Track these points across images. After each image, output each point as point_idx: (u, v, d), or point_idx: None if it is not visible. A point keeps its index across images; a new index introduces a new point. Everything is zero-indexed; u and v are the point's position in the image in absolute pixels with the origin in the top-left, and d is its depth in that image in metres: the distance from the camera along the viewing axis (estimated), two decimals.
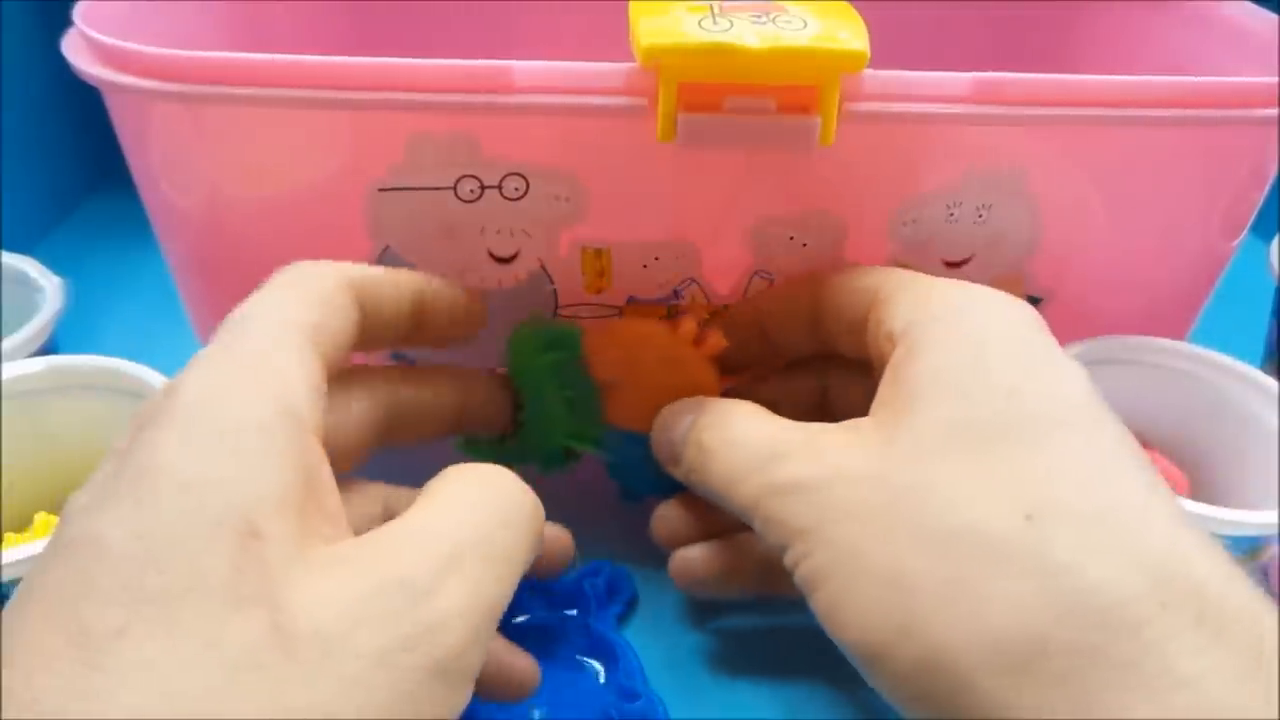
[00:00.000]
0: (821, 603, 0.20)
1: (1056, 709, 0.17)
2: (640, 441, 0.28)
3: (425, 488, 0.20)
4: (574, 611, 0.28)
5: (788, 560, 0.21)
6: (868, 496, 0.20)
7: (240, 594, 0.15)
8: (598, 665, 0.27)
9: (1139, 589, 0.17)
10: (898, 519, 0.19)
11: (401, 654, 0.16)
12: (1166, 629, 0.17)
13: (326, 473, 0.19)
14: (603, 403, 0.29)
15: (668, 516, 0.28)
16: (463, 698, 0.17)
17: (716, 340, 0.28)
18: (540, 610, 0.28)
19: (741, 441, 0.24)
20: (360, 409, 0.23)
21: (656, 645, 0.28)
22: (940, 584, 0.18)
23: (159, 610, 0.15)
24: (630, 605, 0.29)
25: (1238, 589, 0.18)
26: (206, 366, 0.19)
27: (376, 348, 0.24)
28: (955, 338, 0.22)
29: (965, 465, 0.20)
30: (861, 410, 0.23)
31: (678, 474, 0.26)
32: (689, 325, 0.28)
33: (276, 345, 0.20)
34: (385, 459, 0.25)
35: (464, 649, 0.17)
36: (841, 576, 0.20)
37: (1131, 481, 0.19)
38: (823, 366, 0.29)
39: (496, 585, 0.18)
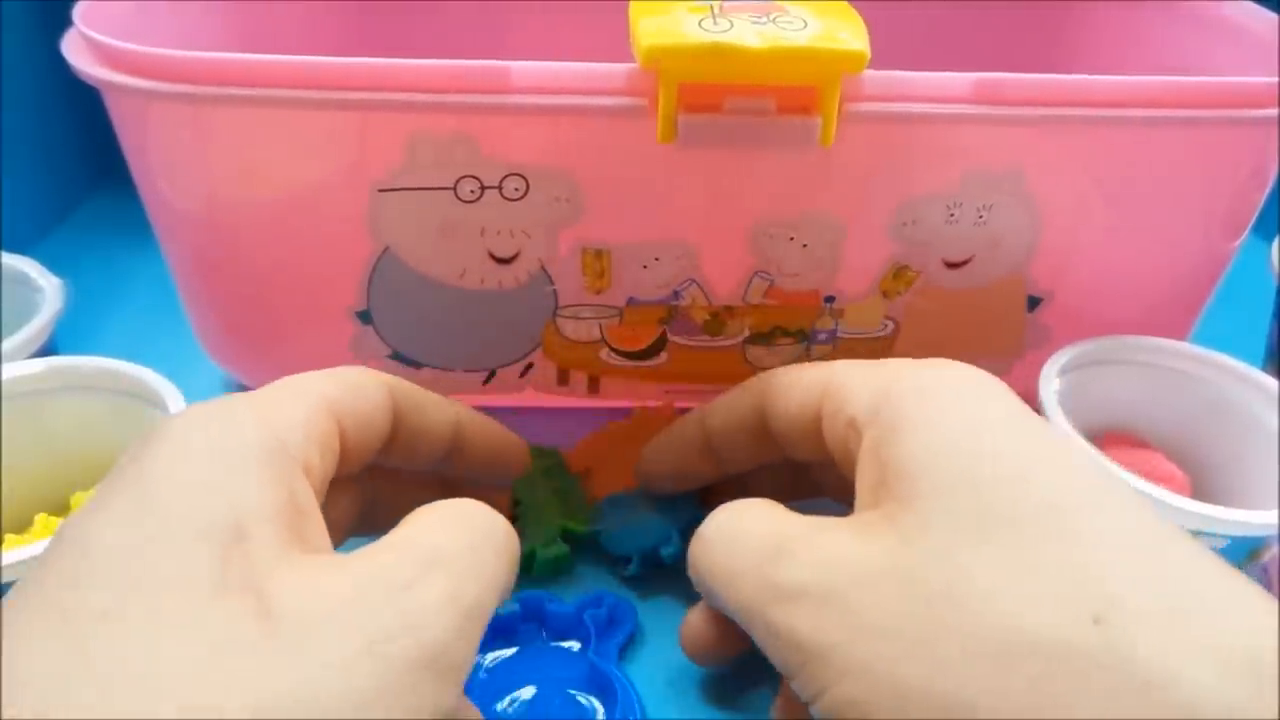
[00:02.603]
0: None
1: None
2: (624, 501, 0.30)
3: (402, 521, 0.20)
4: (574, 643, 0.28)
5: (803, 688, 0.19)
6: (894, 605, 0.18)
7: (226, 582, 0.16)
8: (595, 703, 0.26)
9: (1246, 693, 0.15)
10: (939, 631, 0.17)
11: (385, 643, 0.16)
12: None
13: (312, 505, 0.19)
14: (586, 488, 0.32)
15: (691, 623, 0.25)
16: (449, 696, 0.17)
17: (667, 409, 0.32)
18: (539, 641, 0.28)
19: (740, 534, 0.21)
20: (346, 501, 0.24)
21: (659, 679, 0.27)
22: (1019, 708, 0.16)
23: (144, 595, 0.15)
24: (632, 637, 0.29)
25: None
26: (215, 401, 0.20)
27: (419, 461, 0.24)
28: (937, 416, 0.20)
29: (999, 561, 0.17)
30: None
31: (696, 572, 0.23)
32: (642, 409, 0.34)
33: (289, 397, 0.20)
34: None
35: (447, 644, 0.17)
36: (886, 708, 0.17)
37: (1182, 555, 0.18)
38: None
39: (476, 587, 0.18)
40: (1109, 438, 0.32)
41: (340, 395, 0.21)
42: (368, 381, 0.22)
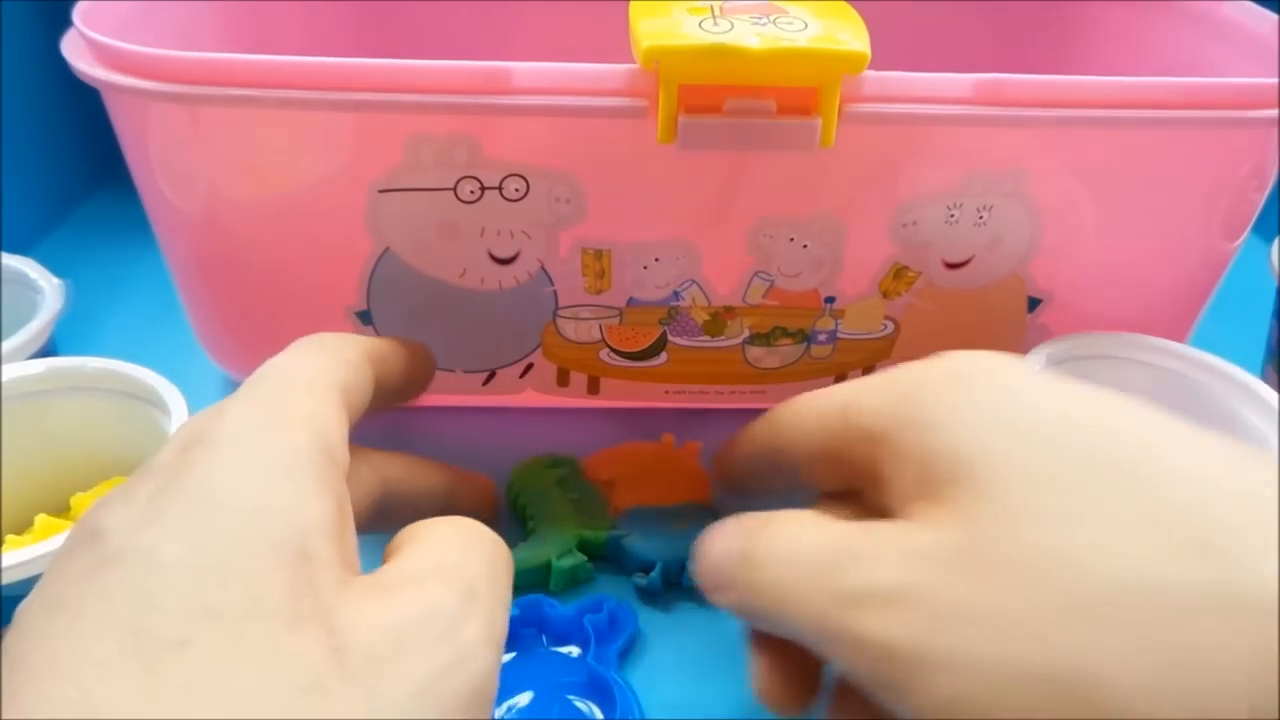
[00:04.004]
0: None
1: None
2: (651, 515, 0.30)
3: (408, 533, 0.20)
4: (573, 648, 0.28)
5: (894, 696, 0.17)
6: (982, 587, 0.16)
7: (298, 613, 0.16)
8: (595, 709, 0.26)
9: None
10: (1039, 602, 0.16)
11: (443, 680, 0.16)
12: None
13: (350, 512, 0.19)
14: (607, 498, 0.31)
15: (761, 673, 0.22)
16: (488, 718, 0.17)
17: (693, 446, 0.32)
18: (539, 646, 0.28)
19: (799, 549, 0.20)
20: (364, 479, 0.24)
21: (660, 684, 0.27)
22: (1147, 665, 0.15)
23: (221, 625, 0.15)
24: (632, 642, 0.28)
25: None
26: (250, 402, 0.19)
27: (377, 411, 0.25)
28: (967, 399, 0.19)
29: (1084, 516, 0.16)
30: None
31: (726, 603, 0.22)
32: (668, 438, 0.33)
33: (311, 393, 0.20)
34: None
35: (489, 677, 0.17)
36: (992, 700, 0.16)
37: (1260, 476, 0.16)
38: None
39: (503, 616, 0.19)
40: None
41: (347, 379, 0.21)
42: (355, 356, 0.23)
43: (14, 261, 0.36)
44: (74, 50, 0.27)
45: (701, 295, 0.31)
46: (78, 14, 0.28)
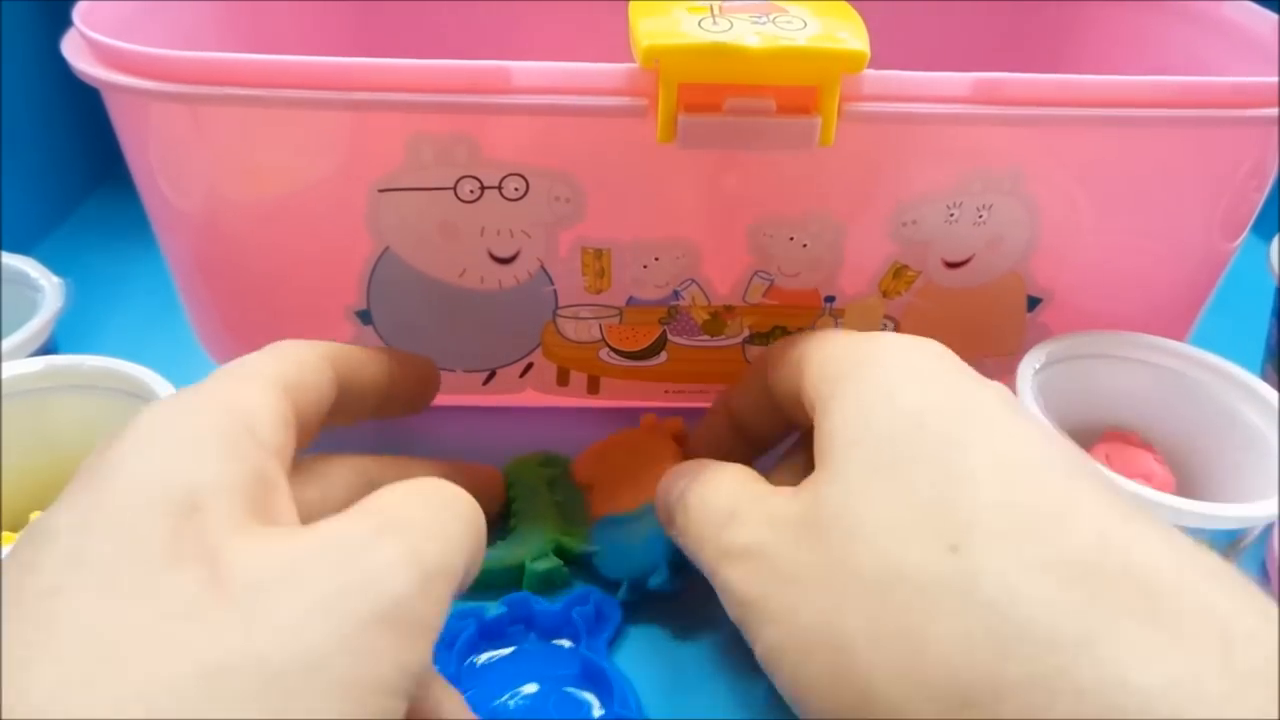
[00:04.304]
0: (783, 686, 0.19)
1: None
2: (619, 523, 0.30)
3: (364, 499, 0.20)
4: (565, 641, 0.28)
5: (750, 641, 0.20)
6: (805, 555, 0.19)
7: (178, 554, 0.16)
8: (591, 698, 0.26)
9: (1080, 601, 0.16)
10: (834, 573, 0.19)
11: (338, 599, 0.16)
12: (1122, 637, 0.16)
13: (281, 482, 0.19)
14: (587, 503, 0.32)
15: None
16: (412, 655, 0.16)
17: (675, 422, 0.31)
18: (529, 641, 0.28)
19: (709, 500, 0.23)
20: (344, 478, 0.24)
21: (648, 671, 0.28)
22: (879, 636, 0.17)
23: (93, 572, 0.15)
24: (619, 631, 0.29)
25: (1191, 574, 0.16)
26: (179, 394, 0.20)
27: (354, 418, 0.26)
28: (865, 387, 0.21)
29: (887, 504, 0.19)
30: None
31: (673, 535, 0.25)
32: (649, 416, 0.33)
33: (240, 382, 0.21)
34: None
35: (407, 598, 0.16)
36: (792, 652, 0.19)
37: (1047, 484, 0.18)
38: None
39: (437, 547, 0.18)
40: (1108, 435, 0.32)
41: (288, 372, 0.22)
42: (309, 356, 0.23)
43: (14, 261, 0.36)
44: (74, 50, 0.27)
45: (701, 294, 0.31)
46: (78, 14, 0.28)
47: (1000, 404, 0.20)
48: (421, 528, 0.18)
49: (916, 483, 0.19)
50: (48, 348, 0.34)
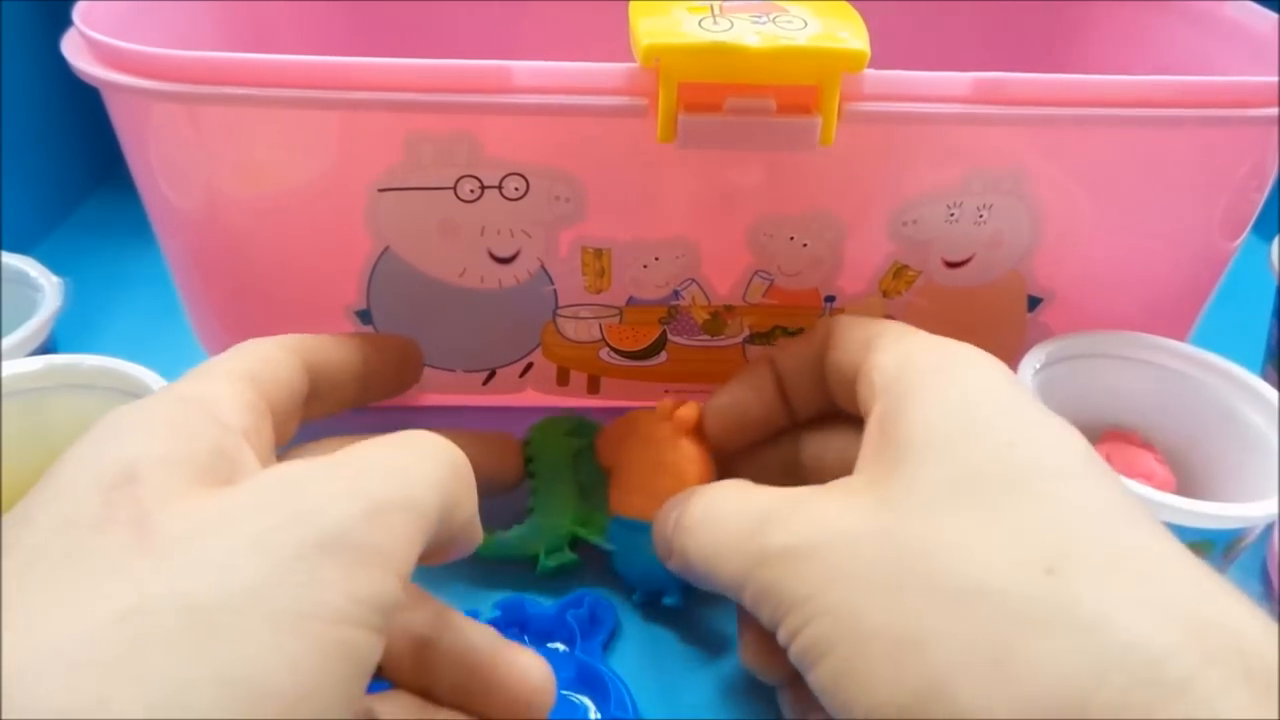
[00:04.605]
0: (825, 675, 0.19)
1: None
2: (637, 529, 0.28)
3: None
4: (559, 644, 0.28)
5: (783, 635, 0.20)
6: (870, 556, 0.19)
7: (109, 519, 0.16)
8: (587, 701, 0.26)
9: (1178, 641, 0.16)
10: (906, 578, 0.18)
11: (275, 533, 0.15)
12: (1215, 685, 0.16)
13: (249, 463, 0.19)
14: (608, 492, 0.30)
15: (746, 644, 0.25)
16: (371, 583, 0.16)
17: (689, 410, 0.29)
18: (524, 644, 0.28)
19: (723, 514, 0.23)
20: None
21: (643, 674, 0.28)
22: (964, 645, 0.17)
23: (25, 549, 0.15)
24: (614, 634, 0.29)
25: (1274, 637, 0.17)
26: (141, 401, 0.20)
27: (335, 408, 0.25)
28: (945, 394, 0.21)
29: (972, 520, 0.19)
30: (838, 475, 0.22)
31: (671, 567, 0.25)
32: (666, 403, 0.29)
33: (204, 376, 0.21)
34: None
35: (349, 527, 0.16)
36: (847, 643, 0.19)
37: (1145, 530, 0.19)
38: (793, 437, 0.28)
39: (387, 480, 0.17)
40: (1108, 435, 0.32)
41: (250, 365, 0.22)
42: (270, 348, 0.23)
43: (14, 260, 0.36)
44: (74, 50, 0.27)
45: (701, 294, 0.31)
46: (78, 13, 0.28)
47: (1086, 447, 0.21)
48: (371, 464, 0.18)
49: (1006, 505, 0.19)
50: (47, 347, 0.34)
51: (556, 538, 0.30)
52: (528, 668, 0.21)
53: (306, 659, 0.15)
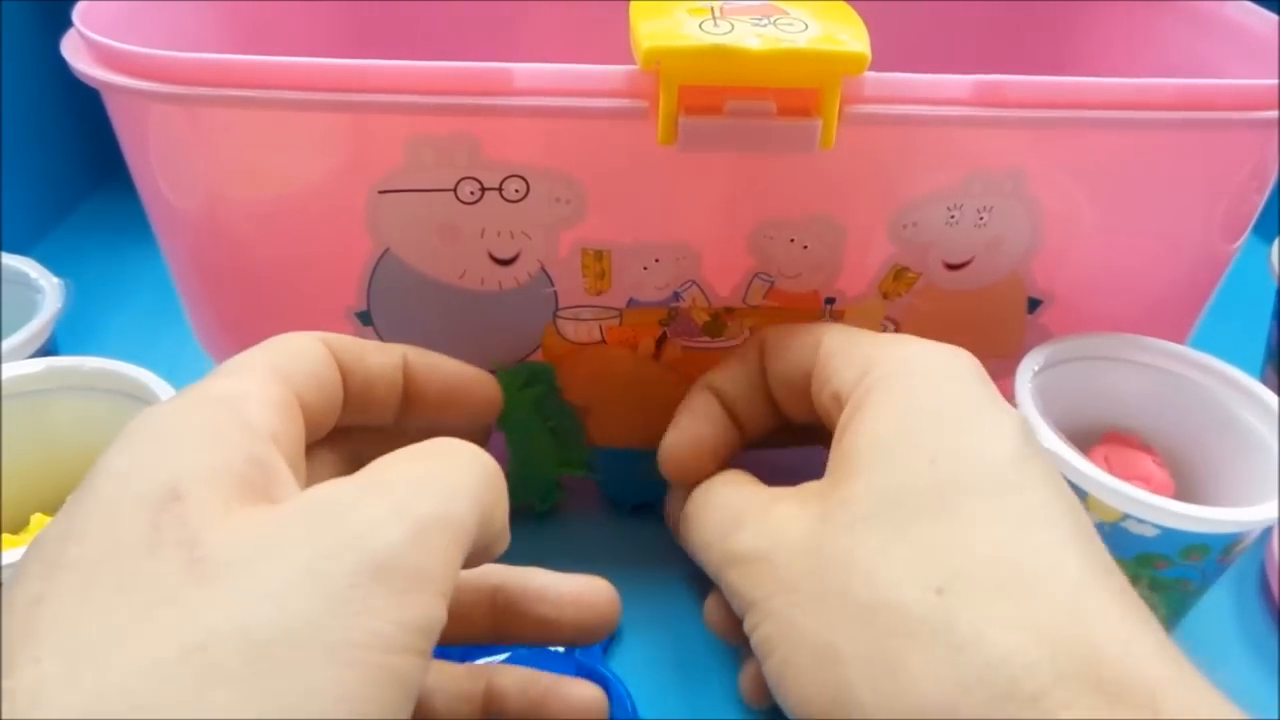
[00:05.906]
0: (770, 671, 0.21)
1: None
2: (622, 455, 0.29)
3: None
4: (559, 647, 0.28)
5: (746, 629, 0.22)
6: (804, 568, 0.21)
7: (160, 543, 0.16)
8: None
9: (1036, 659, 0.18)
10: (828, 591, 0.20)
11: (327, 561, 0.15)
12: (1063, 698, 0.17)
13: (278, 465, 0.19)
14: (584, 426, 0.30)
15: (709, 609, 0.27)
16: (418, 608, 0.16)
17: (673, 350, 0.29)
18: (524, 647, 0.28)
19: (713, 509, 0.25)
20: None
21: (643, 674, 0.28)
22: (865, 657, 0.19)
23: (74, 573, 0.15)
24: (614, 636, 0.29)
25: (1139, 650, 0.18)
26: (174, 397, 0.20)
27: (376, 411, 0.24)
28: (890, 402, 0.22)
29: (888, 537, 0.20)
30: None
31: (681, 544, 0.26)
32: (647, 344, 0.30)
33: (234, 373, 0.21)
34: None
35: (398, 551, 0.16)
36: (783, 648, 0.21)
37: (1039, 549, 0.20)
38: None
39: (432, 499, 0.17)
40: (1107, 437, 0.32)
41: (281, 361, 0.21)
42: (303, 343, 0.22)
43: (14, 261, 0.36)
44: (74, 50, 0.27)
45: (701, 296, 0.31)
46: (77, 14, 0.28)
47: (1016, 451, 0.21)
48: (410, 481, 0.18)
49: (920, 525, 0.20)
50: (48, 348, 0.34)
51: (544, 485, 0.30)
52: (585, 697, 0.23)
53: (361, 691, 0.15)
